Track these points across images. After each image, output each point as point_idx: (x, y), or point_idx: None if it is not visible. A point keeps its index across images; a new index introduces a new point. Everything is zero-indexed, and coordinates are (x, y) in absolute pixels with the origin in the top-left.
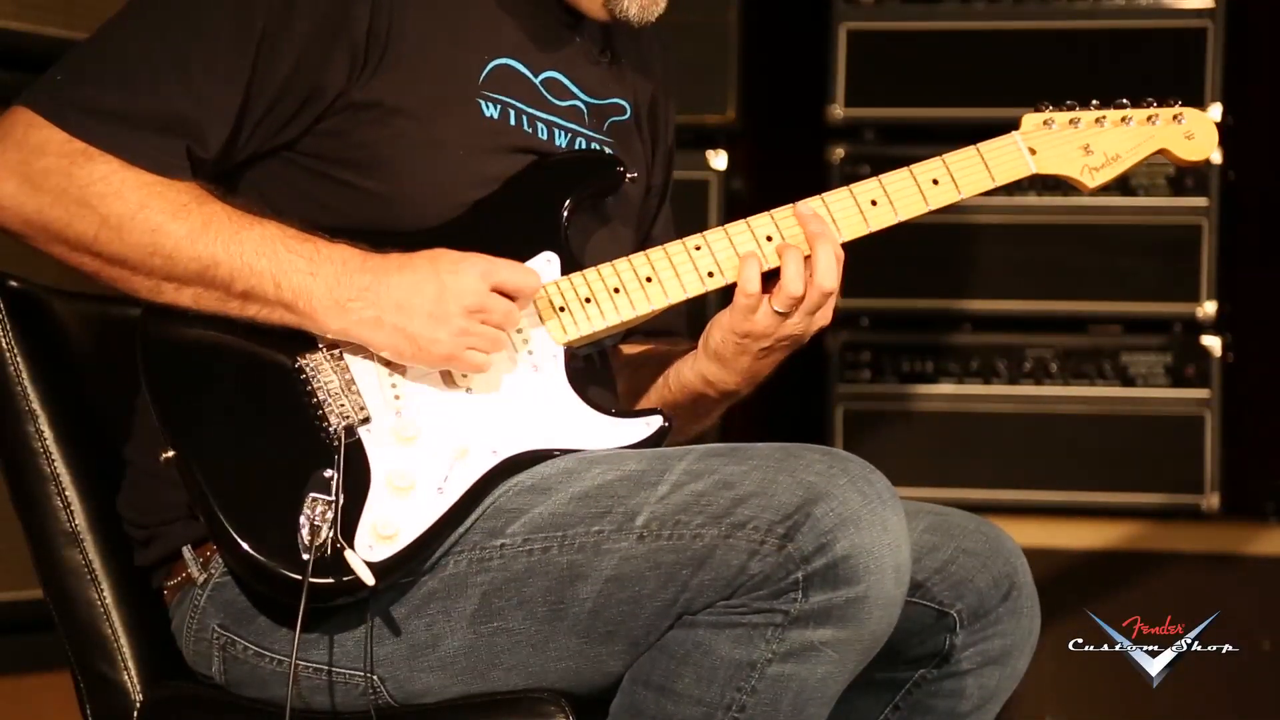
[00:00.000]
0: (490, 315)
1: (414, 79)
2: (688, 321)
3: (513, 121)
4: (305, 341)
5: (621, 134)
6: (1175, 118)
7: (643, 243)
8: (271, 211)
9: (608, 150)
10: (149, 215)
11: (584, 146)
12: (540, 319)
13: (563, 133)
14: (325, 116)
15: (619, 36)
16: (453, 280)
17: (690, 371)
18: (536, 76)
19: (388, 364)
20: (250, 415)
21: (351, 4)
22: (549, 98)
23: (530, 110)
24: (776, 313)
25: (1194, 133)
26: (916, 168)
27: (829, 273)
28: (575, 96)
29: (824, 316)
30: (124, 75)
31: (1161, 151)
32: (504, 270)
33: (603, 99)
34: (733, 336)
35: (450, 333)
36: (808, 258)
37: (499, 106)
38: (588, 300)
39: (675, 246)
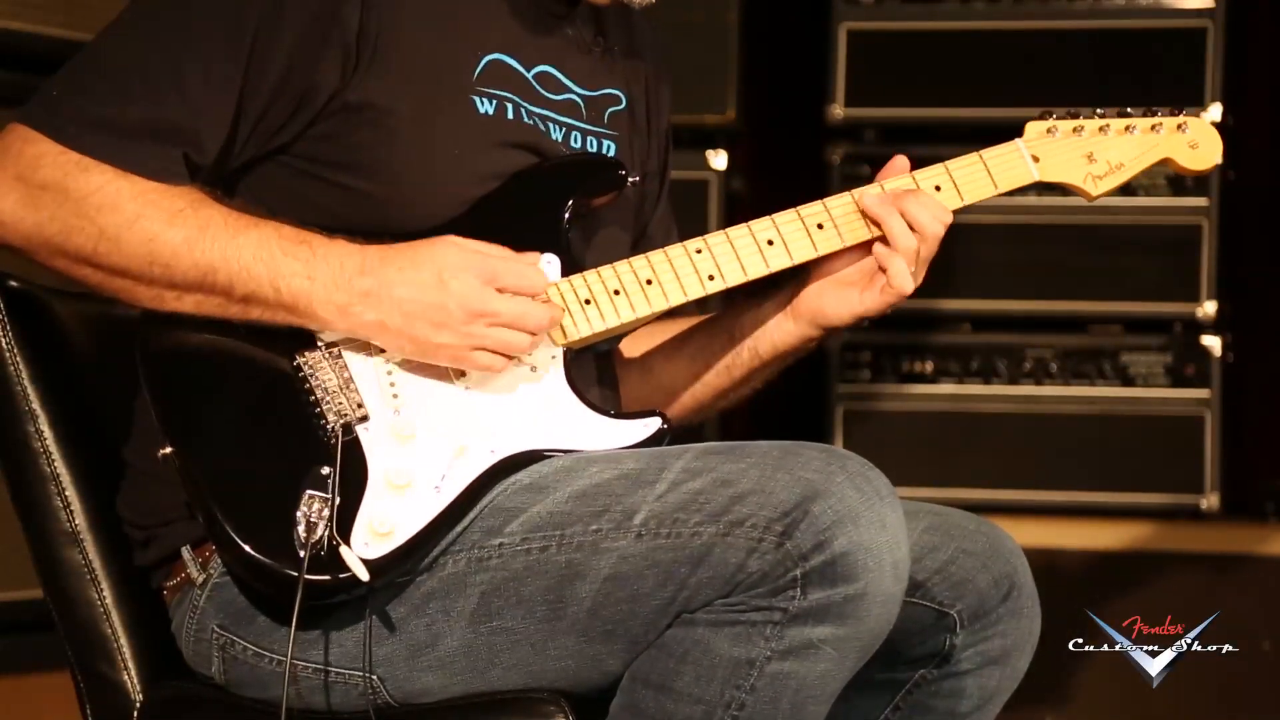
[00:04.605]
0: (499, 317)
1: (406, 78)
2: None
3: (510, 116)
4: (303, 340)
5: (621, 125)
6: (1179, 127)
7: (639, 231)
8: (269, 215)
9: (612, 145)
10: (145, 225)
11: (581, 141)
12: None
13: (559, 127)
14: (320, 119)
15: (610, 22)
16: (455, 284)
17: (783, 335)
18: (529, 71)
19: (387, 363)
20: (248, 414)
21: (341, 4)
22: (543, 92)
23: (526, 104)
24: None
25: (1198, 142)
26: (920, 173)
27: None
28: (570, 90)
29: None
30: (118, 85)
31: (1165, 160)
32: (504, 273)
33: (597, 90)
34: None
35: (455, 337)
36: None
37: (494, 102)
38: (588, 302)
39: (676, 249)
